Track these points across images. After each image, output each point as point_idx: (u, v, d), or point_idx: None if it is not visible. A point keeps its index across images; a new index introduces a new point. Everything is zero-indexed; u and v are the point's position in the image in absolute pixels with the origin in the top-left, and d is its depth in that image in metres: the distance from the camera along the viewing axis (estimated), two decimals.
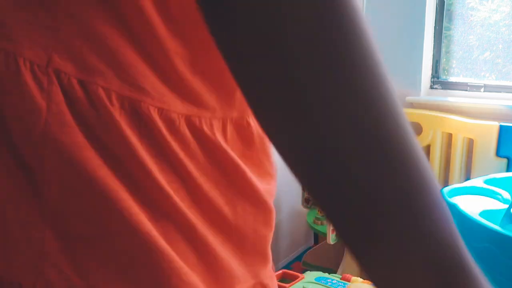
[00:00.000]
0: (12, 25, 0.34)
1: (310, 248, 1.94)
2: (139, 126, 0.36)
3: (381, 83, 0.27)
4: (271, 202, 0.45)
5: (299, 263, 1.89)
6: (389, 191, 0.27)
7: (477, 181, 1.34)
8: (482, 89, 1.80)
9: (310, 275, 1.24)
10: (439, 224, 0.28)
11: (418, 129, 1.80)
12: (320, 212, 1.65)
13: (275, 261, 1.88)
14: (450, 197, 1.25)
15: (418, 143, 0.28)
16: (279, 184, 1.70)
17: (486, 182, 1.33)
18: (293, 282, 1.20)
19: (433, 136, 1.75)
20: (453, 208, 1.17)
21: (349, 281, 1.19)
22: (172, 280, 0.35)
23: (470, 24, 1.82)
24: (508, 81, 1.78)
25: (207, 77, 0.38)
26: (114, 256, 0.34)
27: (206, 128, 0.38)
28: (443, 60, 1.89)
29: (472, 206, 1.17)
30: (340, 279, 1.21)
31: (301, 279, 1.21)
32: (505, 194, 1.25)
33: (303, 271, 1.35)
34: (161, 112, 0.37)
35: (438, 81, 1.89)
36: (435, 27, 1.85)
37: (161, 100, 0.37)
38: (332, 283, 1.19)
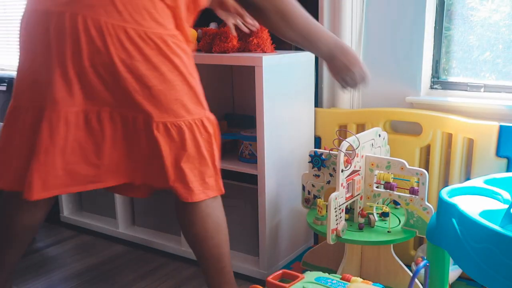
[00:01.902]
0: None
1: (310, 248, 1.94)
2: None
3: None
4: None
5: (299, 263, 1.89)
6: None
7: (477, 181, 1.34)
8: (482, 89, 1.80)
9: (310, 275, 1.23)
10: None
11: (418, 129, 1.80)
12: (320, 212, 1.65)
13: (275, 261, 1.88)
14: (450, 197, 1.25)
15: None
16: (279, 184, 1.73)
17: (486, 182, 1.33)
18: (293, 282, 1.20)
19: (433, 136, 1.75)
20: (453, 208, 1.17)
21: (349, 281, 1.19)
22: None
23: (470, 24, 1.82)
24: (508, 81, 1.78)
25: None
26: None
27: None
28: (443, 60, 1.89)
29: (472, 206, 1.17)
30: (340, 279, 1.21)
31: (301, 279, 1.21)
32: (505, 194, 1.25)
33: (303, 271, 1.35)
34: None
35: (438, 81, 1.89)
36: (435, 27, 1.85)
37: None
38: (332, 283, 1.19)
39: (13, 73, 2.72)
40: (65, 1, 1.22)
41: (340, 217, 1.53)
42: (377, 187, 1.62)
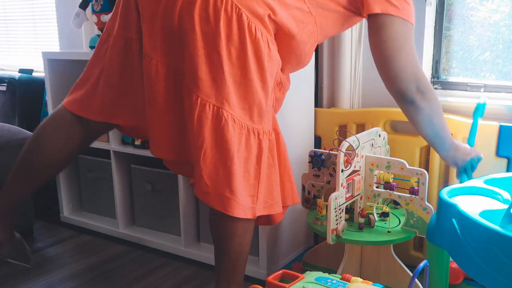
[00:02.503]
0: None
1: (310, 248, 1.94)
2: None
3: None
4: None
5: (299, 263, 1.89)
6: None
7: (477, 181, 1.34)
8: (482, 89, 1.80)
9: (310, 275, 1.23)
10: None
11: None
12: (320, 212, 1.65)
13: (275, 261, 1.88)
14: (450, 197, 1.25)
15: None
16: None
17: (486, 182, 1.33)
18: (293, 282, 1.19)
19: None
20: (453, 208, 1.17)
21: (349, 281, 1.19)
22: None
23: (470, 24, 1.82)
24: (508, 81, 1.78)
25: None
26: None
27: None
28: (443, 60, 1.89)
29: (472, 206, 1.17)
30: (340, 279, 1.21)
31: (301, 279, 1.21)
32: (505, 194, 1.25)
33: (303, 271, 1.35)
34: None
35: (438, 81, 1.89)
36: (435, 27, 1.85)
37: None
38: (332, 283, 1.19)
39: (13, 73, 2.72)
40: None
41: (340, 217, 1.53)
42: (377, 187, 1.62)
